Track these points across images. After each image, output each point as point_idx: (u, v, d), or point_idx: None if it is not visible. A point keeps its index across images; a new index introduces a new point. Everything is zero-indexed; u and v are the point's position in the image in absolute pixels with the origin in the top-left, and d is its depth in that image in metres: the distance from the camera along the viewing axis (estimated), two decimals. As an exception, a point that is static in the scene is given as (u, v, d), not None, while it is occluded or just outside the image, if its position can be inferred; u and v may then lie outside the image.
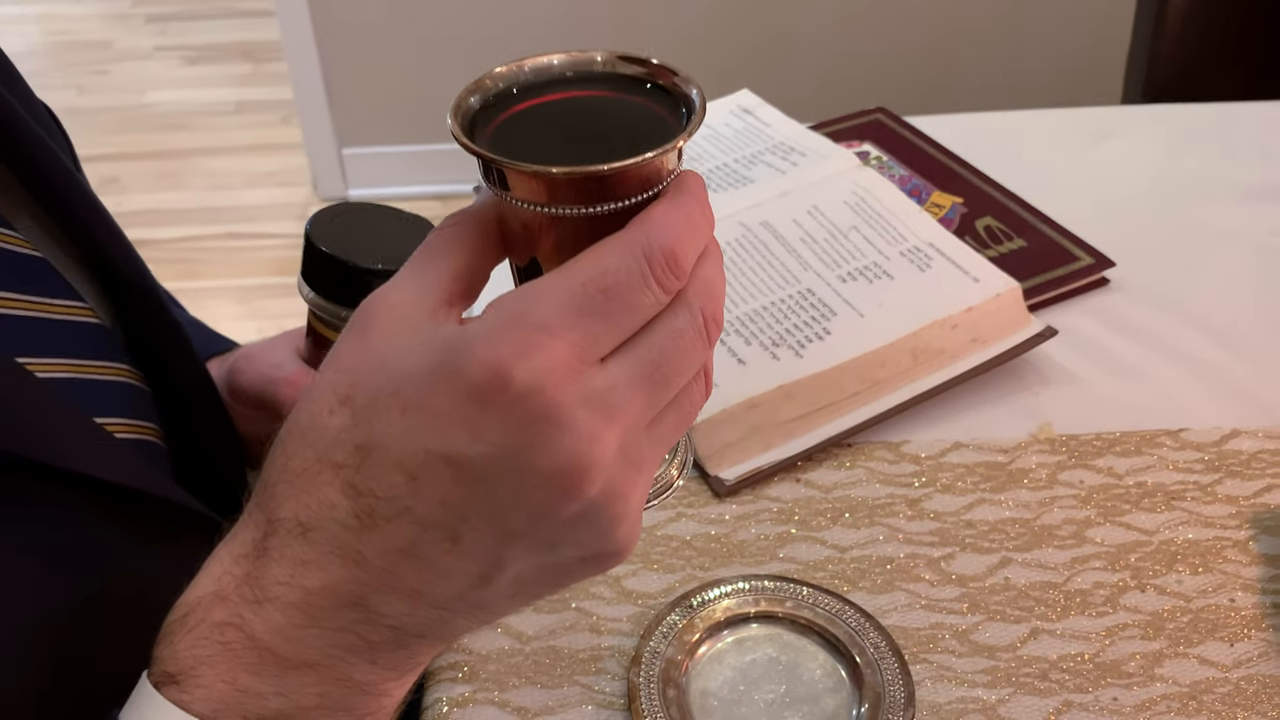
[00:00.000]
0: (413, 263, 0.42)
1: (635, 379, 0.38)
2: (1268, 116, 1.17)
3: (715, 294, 0.40)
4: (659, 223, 0.38)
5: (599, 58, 0.44)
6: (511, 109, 0.43)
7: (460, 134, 0.40)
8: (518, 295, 0.38)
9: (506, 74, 0.43)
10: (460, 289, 0.41)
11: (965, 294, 0.85)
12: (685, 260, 0.39)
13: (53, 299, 0.56)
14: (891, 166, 1.05)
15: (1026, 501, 0.76)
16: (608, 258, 0.38)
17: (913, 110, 2.63)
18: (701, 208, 0.40)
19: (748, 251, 0.91)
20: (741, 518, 0.75)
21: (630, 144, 0.39)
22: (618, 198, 0.40)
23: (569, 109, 0.43)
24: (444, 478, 0.38)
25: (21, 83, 0.65)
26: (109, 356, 0.59)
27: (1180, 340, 0.89)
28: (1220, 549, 0.73)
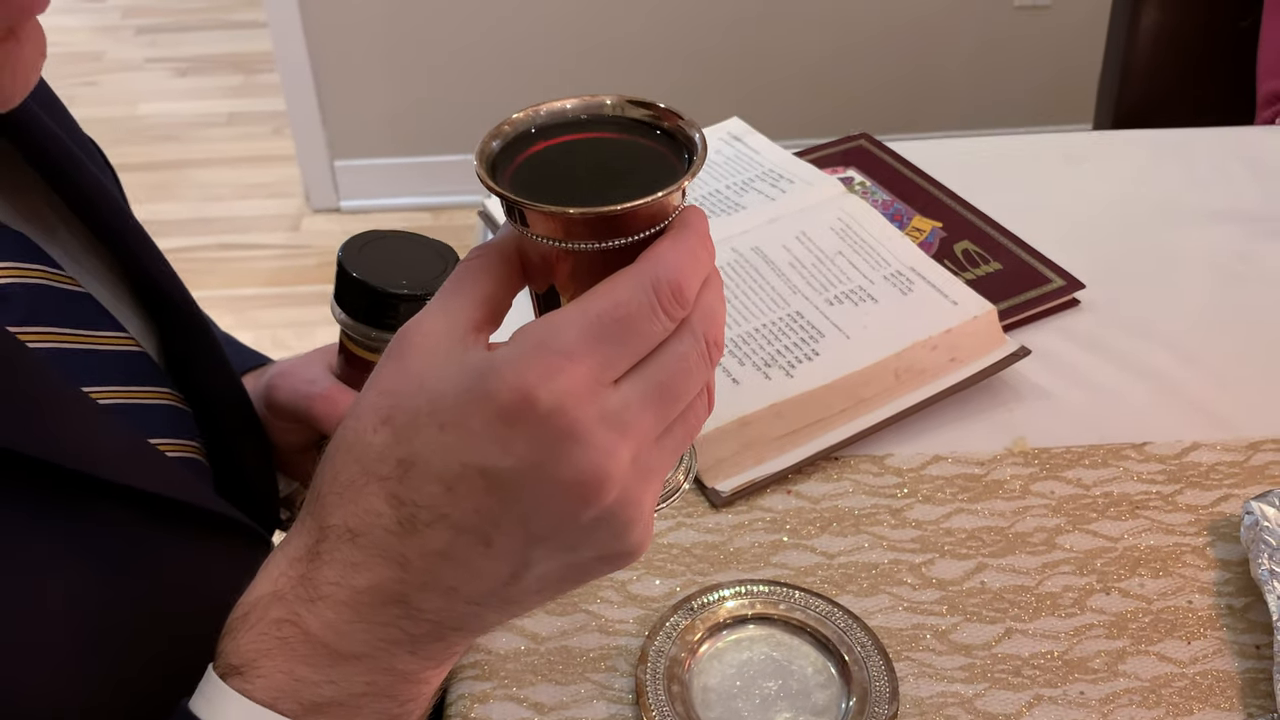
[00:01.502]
0: (444, 292, 0.47)
1: (646, 398, 0.43)
2: (1230, 141, 1.23)
3: (716, 320, 0.45)
4: (665, 258, 0.43)
5: (609, 101, 0.49)
6: (530, 150, 0.47)
7: (485, 176, 0.45)
8: (541, 325, 0.43)
9: (524, 118, 0.48)
10: (487, 315, 0.46)
11: (944, 316, 0.91)
12: (689, 291, 0.44)
13: (100, 331, 0.61)
14: (875, 192, 1.11)
15: (1001, 511, 0.82)
16: (620, 290, 0.43)
17: (894, 127, 2.70)
18: (703, 241, 0.45)
19: (740, 276, 0.96)
20: (737, 527, 0.81)
21: (639, 184, 0.44)
22: (628, 233, 0.44)
23: (582, 150, 0.48)
24: (477, 488, 0.43)
25: (68, 117, 0.70)
26: (152, 382, 0.64)
27: (1145, 358, 0.95)
28: (1179, 554, 0.79)
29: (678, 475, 0.56)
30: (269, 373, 0.77)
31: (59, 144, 0.62)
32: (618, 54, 2.74)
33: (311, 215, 2.90)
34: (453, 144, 2.84)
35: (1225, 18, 1.50)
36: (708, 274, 0.45)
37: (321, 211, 2.90)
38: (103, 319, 0.62)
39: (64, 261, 0.61)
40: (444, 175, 2.87)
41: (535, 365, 0.42)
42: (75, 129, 0.69)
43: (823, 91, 2.82)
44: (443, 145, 2.84)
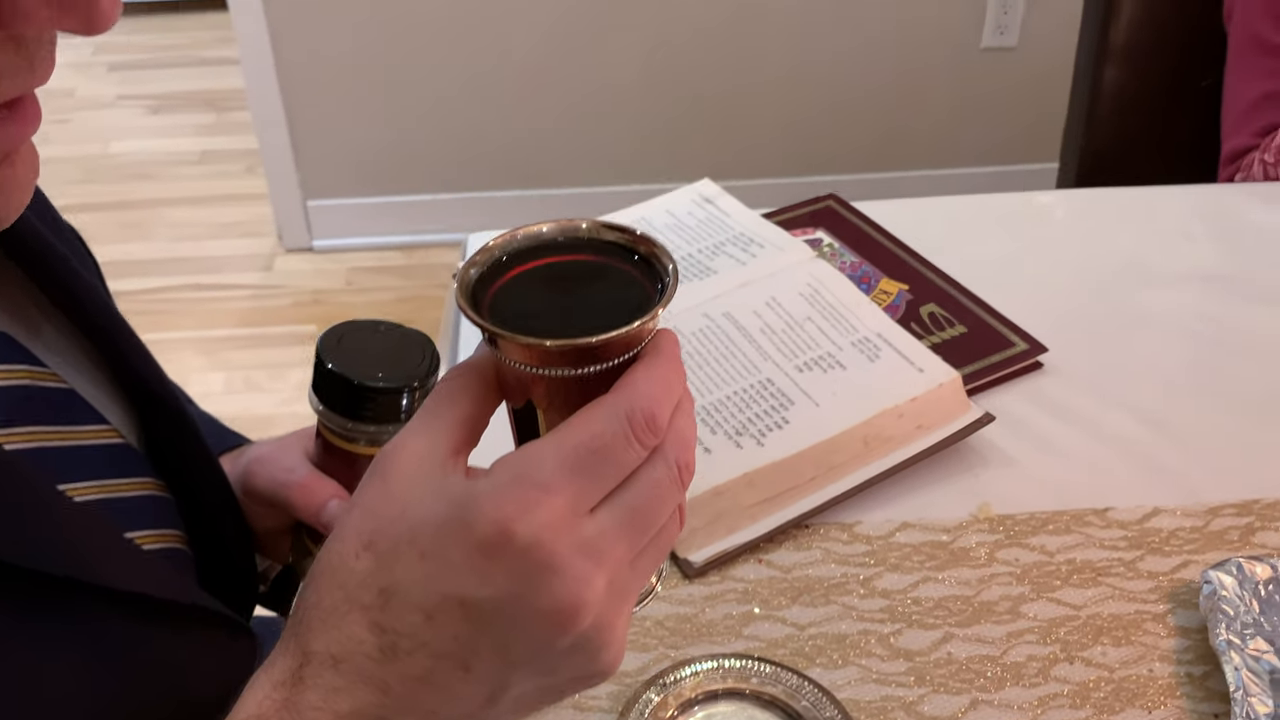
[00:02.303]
0: (424, 413, 0.48)
1: (621, 525, 0.45)
2: (1192, 200, 1.26)
3: (688, 444, 0.47)
4: (639, 388, 0.45)
5: (584, 225, 0.51)
6: (507, 275, 0.49)
7: (466, 306, 0.46)
8: (519, 457, 0.45)
9: (501, 243, 0.50)
10: (466, 436, 0.48)
11: (911, 384, 0.92)
12: (662, 419, 0.45)
13: (83, 426, 0.63)
14: (843, 253, 1.13)
15: (967, 579, 0.84)
16: (596, 422, 0.44)
17: (865, 167, 2.73)
18: (675, 367, 0.47)
19: (712, 342, 0.98)
20: (709, 598, 0.82)
21: (614, 310, 0.46)
22: (602, 360, 0.46)
23: (559, 274, 0.50)
24: (456, 617, 0.45)
25: (48, 206, 0.71)
26: (133, 473, 0.65)
27: (1106, 421, 0.97)
28: (1141, 622, 0.81)
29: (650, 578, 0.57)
30: (247, 457, 0.78)
31: (41, 239, 0.63)
32: (591, 97, 2.76)
33: (284, 255, 2.91)
34: (425, 183, 2.85)
35: (1187, 76, 1.53)
36: (679, 398, 0.47)
37: (294, 251, 2.91)
38: (85, 413, 0.63)
39: (47, 357, 0.62)
40: (416, 214, 2.89)
41: (513, 498, 0.43)
42: (55, 218, 0.71)
43: (794, 132, 2.86)
44: (415, 184, 2.86)
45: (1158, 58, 1.56)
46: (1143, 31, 1.55)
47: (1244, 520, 0.89)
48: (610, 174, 2.87)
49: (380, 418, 0.70)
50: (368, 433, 0.71)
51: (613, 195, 2.86)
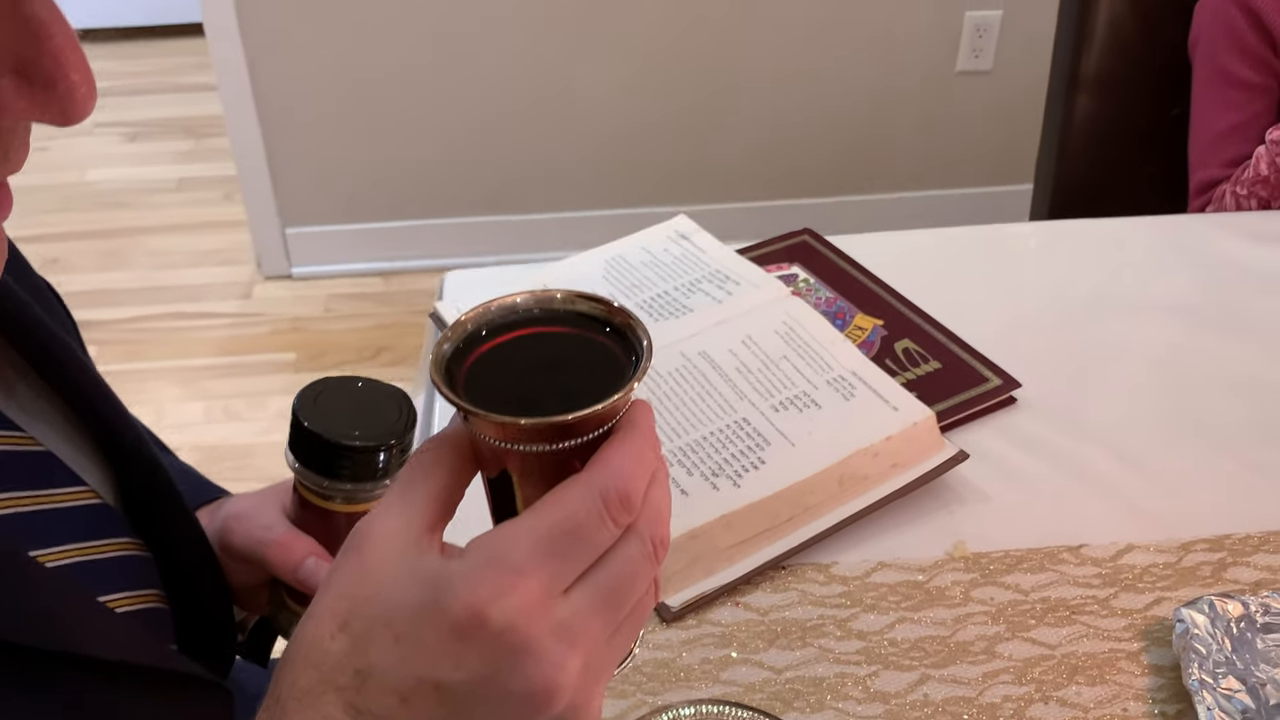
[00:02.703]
0: (400, 488, 0.48)
1: (595, 605, 0.45)
2: (1162, 231, 1.28)
3: (662, 518, 0.48)
4: (613, 465, 0.45)
5: (559, 296, 0.51)
6: (482, 348, 0.49)
7: (440, 383, 0.46)
8: (494, 539, 0.45)
9: (475, 316, 0.50)
10: (441, 510, 0.48)
11: (886, 423, 0.93)
12: (637, 497, 0.46)
13: (58, 489, 0.63)
14: (818, 289, 1.14)
15: (943, 619, 0.84)
16: (571, 502, 0.45)
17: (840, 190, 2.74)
18: (649, 441, 0.47)
19: (688, 382, 0.99)
20: (686, 642, 0.82)
21: (588, 384, 0.46)
22: (577, 436, 0.46)
23: (532, 347, 0.50)
24: (431, 700, 0.45)
25: (23, 264, 0.71)
26: (110, 533, 0.65)
27: (1080, 456, 0.98)
28: (1115, 661, 0.82)
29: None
30: (224, 512, 0.78)
31: (14, 298, 0.63)
32: (568, 123, 2.77)
33: (264, 282, 2.90)
34: (404, 210, 2.86)
35: (1158, 105, 1.55)
36: (653, 471, 0.47)
37: (273, 278, 2.91)
38: (61, 476, 0.63)
39: (22, 418, 0.62)
40: (395, 241, 2.89)
41: (488, 582, 0.43)
42: (29, 274, 0.71)
43: (769, 156, 2.87)
44: (394, 211, 2.86)
45: (1129, 87, 1.58)
46: (1113, 61, 1.57)
47: (1216, 556, 0.90)
48: (587, 199, 2.87)
49: (357, 476, 0.71)
50: (344, 491, 0.72)
51: (589, 220, 2.87)
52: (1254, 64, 1.40)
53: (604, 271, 1.13)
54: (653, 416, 0.49)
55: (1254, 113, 1.39)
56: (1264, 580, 0.88)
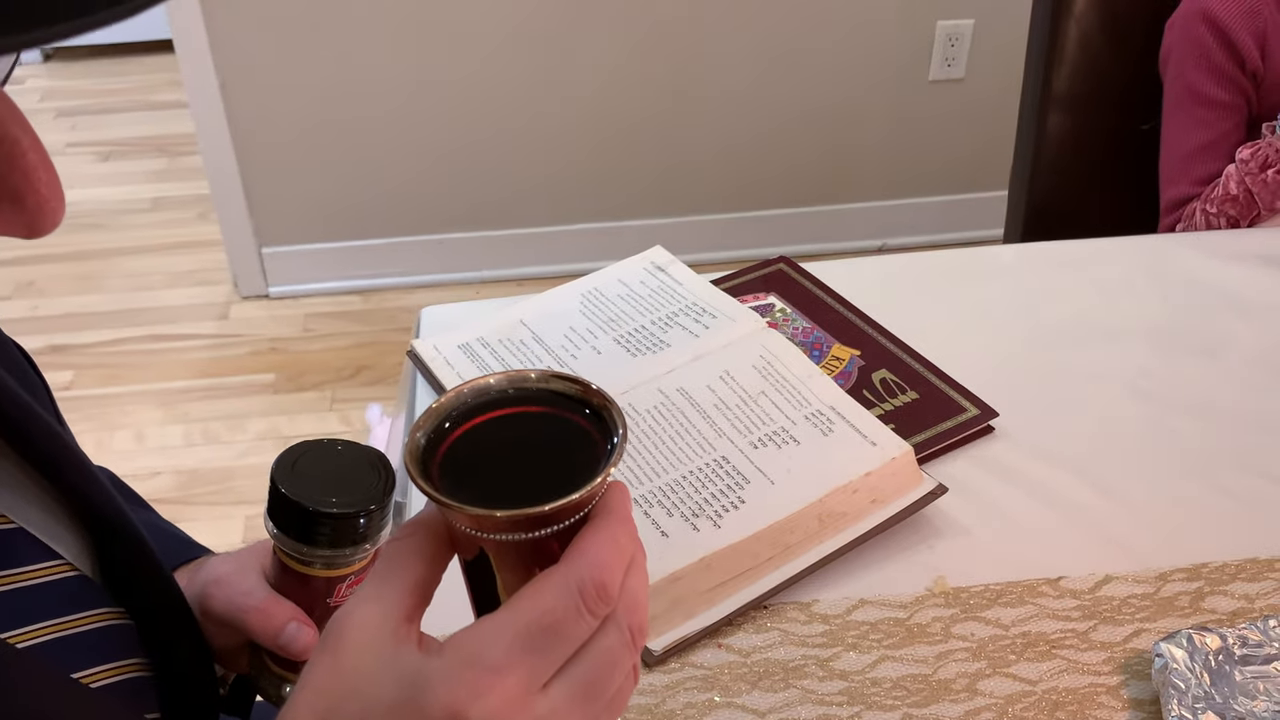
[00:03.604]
0: (376, 578, 0.47)
1: (575, 698, 0.45)
2: (1134, 251, 1.29)
3: (640, 605, 0.47)
4: (590, 556, 0.45)
5: (533, 375, 0.51)
6: (457, 431, 0.49)
7: (416, 475, 0.46)
8: (472, 636, 0.44)
9: (449, 401, 0.50)
10: (418, 600, 0.48)
11: (864, 459, 0.94)
12: (614, 588, 0.45)
13: (32, 566, 0.62)
14: (795, 319, 1.15)
15: (924, 657, 0.85)
16: (548, 597, 0.44)
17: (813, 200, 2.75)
18: (626, 527, 0.47)
19: (667, 420, 0.99)
20: (669, 686, 0.83)
21: (564, 470, 0.46)
22: (553, 524, 0.46)
23: (507, 430, 0.50)
24: None
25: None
26: (89, 605, 0.65)
27: (1057, 486, 0.99)
28: (1095, 695, 0.82)
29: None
30: (204, 576, 0.78)
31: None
32: (540, 138, 2.77)
33: (240, 302, 2.89)
34: (381, 228, 2.85)
35: (1128, 122, 1.56)
36: (630, 558, 0.47)
37: (250, 298, 2.90)
38: (34, 552, 0.62)
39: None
40: (373, 258, 2.88)
41: (466, 683, 0.43)
42: (2, 338, 0.70)
43: (740, 166, 2.88)
44: (371, 229, 2.85)
45: (1100, 104, 1.59)
46: (1084, 79, 1.58)
47: (1194, 585, 0.90)
48: (560, 214, 2.88)
49: (335, 542, 0.70)
50: (323, 556, 0.72)
51: (564, 234, 2.88)
52: (1223, 82, 1.41)
53: (580, 306, 1.13)
54: (629, 499, 0.48)
55: (1223, 131, 1.41)
56: (1241, 609, 0.89)
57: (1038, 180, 1.62)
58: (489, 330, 1.11)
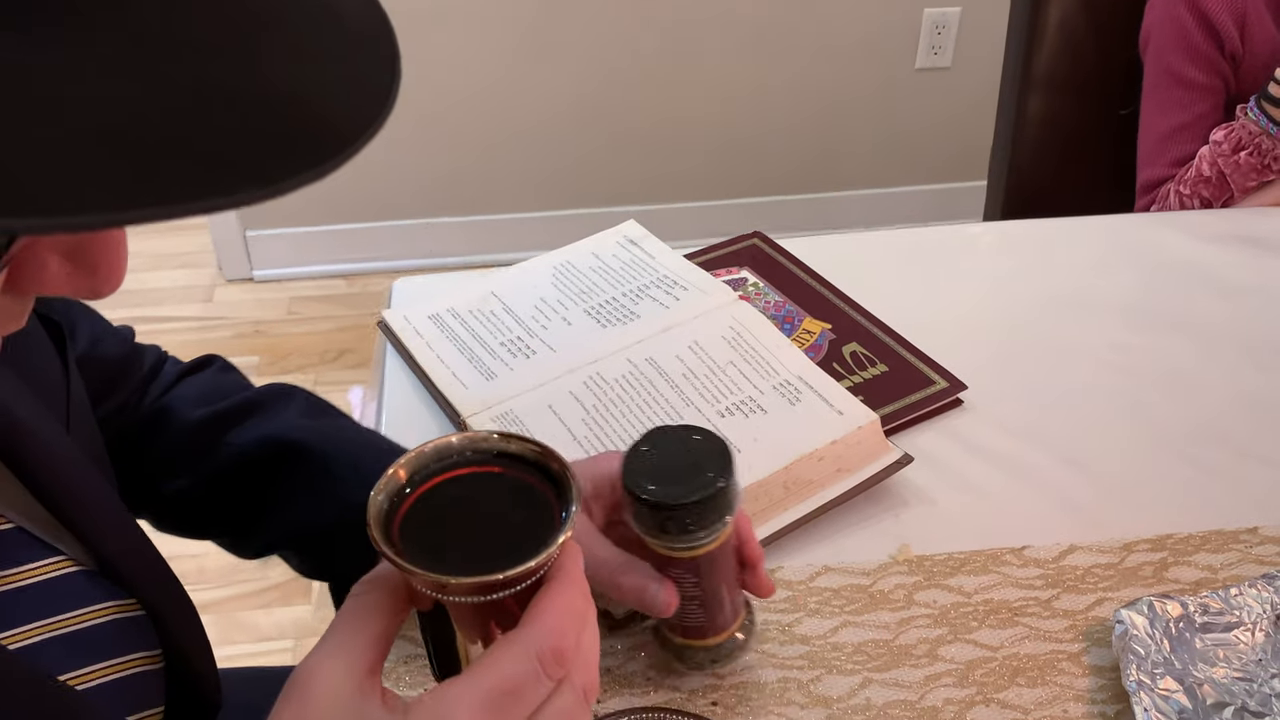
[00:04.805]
0: (338, 632, 0.50)
1: None
2: (1109, 230, 1.29)
3: (591, 665, 0.50)
4: (547, 624, 0.48)
5: (495, 437, 0.53)
6: (418, 491, 0.51)
7: (378, 539, 0.49)
8: (437, 700, 0.47)
9: (409, 462, 0.52)
10: (380, 653, 0.50)
11: (830, 427, 0.94)
12: (570, 652, 0.48)
13: (30, 564, 0.63)
14: (767, 293, 1.15)
15: (886, 623, 0.85)
16: (507, 665, 0.47)
17: (797, 188, 2.73)
18: (580, 590, 0.50)
19: (635, 389, 0.99)
20: (631, 649, 0.83)
21: (520, 533, 0.49)
22: (510, 588, 0.48)
23: (466, 491, 0.52)
24: None
25: None
26: (92, 600, 0.65)
27: (1024, 458, 0.99)
28: (1056, 662, 0.82)
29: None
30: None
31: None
32: (524, 124, 2.76)
33: (225, 285, 2.89)
34: (364, 212, 2.85)
35: (1109, 104, 1.56)
36: (584, 620, 0.50)
37: (235, 281, 2.89)
38: (32, 550, 0.63)
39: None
40: (356, 243, 2.88)
41: None
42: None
43: (726, 154, 2.87)
44: (355, 213, 2.85)
45: (1080, 87, 1.59)
46: (1065, 62, 1.58)
47: (1158, 556, 0.90)
48: (544, 200, 2.87)
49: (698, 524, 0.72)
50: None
51: (547, 220, 2.87)
52: (1201, 64, 1.41)
53: (552, 278, 1.13)
54: (582, 560, 0.51)
55: (1200, 113, 1.41)
56: (1205, 580, 0.89)
57: (1017, 163, 1.62)
58: (459, 301, 1.11)
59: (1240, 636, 0.82)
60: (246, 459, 0.84)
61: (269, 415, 0.86)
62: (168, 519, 0.89)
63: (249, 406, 0.87)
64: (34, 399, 0.68)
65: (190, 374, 0.92)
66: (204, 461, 0.85)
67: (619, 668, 0.82)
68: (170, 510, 0.89)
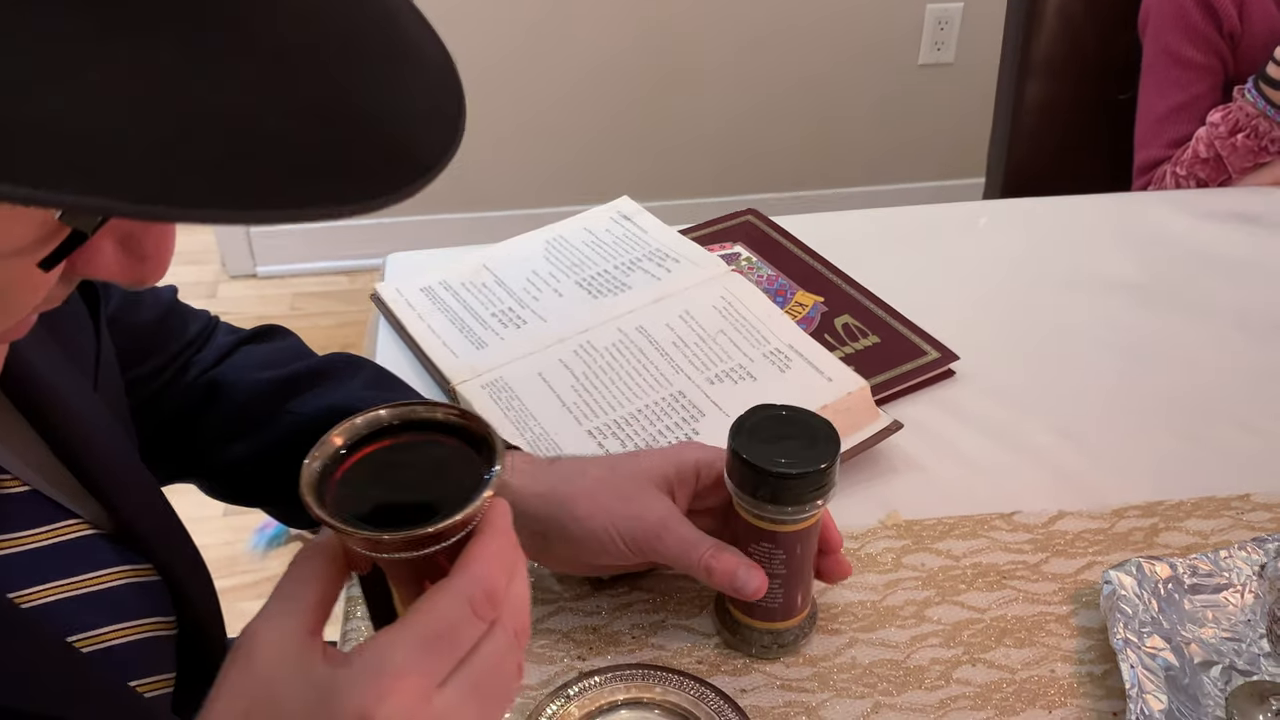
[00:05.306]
0: (278, 598, 0.51)
1: (468, 695, 0.50)
2: (1104, 208, 1.29)
3: (522, 609, 0.53)
4: (477, 569, 0.50)
5: (420, 408, 0.55)
6: (350, 459, 0.53)
7: (311, 502, 0.50)
8: (375, 646, 0.48)
9: (343, 431, 0.54)
10: (321, 615, 0.51)
11: (820, 393, 0.93)
12: (500, 594, 0.50)
13: (45, 526, 0.63)
14: (760, 267, 1.14)
15: (873, 585, 0.85)
16: (441, 606, 0.49)
17: (799, 184, 2.73)
18: (508, 539, 0.52)
19: (625, 356, 0.99)
20: (618, 608, 0.82)
21: (449, 492, 0.51)
22: (440, 542, 0.50)
23: (397, 457, 0.54)
24: None
25: None
26: (108, 564, 0.66)
27: (1016, 428, 0.98)
28: (1044, 623, 0.82)
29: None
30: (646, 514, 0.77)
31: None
32: (525, 119, 2.77)
33: (228, 281, 2.89)
34: (369, 208, 2.85)
35: (1106, 89, 1.55)
36: (514, 568, 0.52)
37: (239, 277, 2.90)
38: (49, 512, 0.63)
39: (7, 459, 0.62)
40: (359, 239, 2.88)
41: (371, 687, 0.47)
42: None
43: (728, 150, 2.88)
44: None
45: (1079, 72, 1.59)
46: (1063, 46, 1.58)
47: (1148, 521, 0.90)
48: (544, 195, 2.87)
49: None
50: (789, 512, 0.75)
51: (547, 216, 2.86)
52: (1199, 44, 1.41)
53: (544, 251, 1.13)
54: (510, 515, 0.53)
55: (1197, 94, 1.40)
56: (1195, 545, 0.88)
57: (1015, 149, 1.62)
58: (452, 274, 1.11)
59: (1230, 598, 0.82)
60: (308, 428, 0.83)
61: (334, 385, 0.86)
62: (221, 485, 0.90)
63: (314, 375, 0.87)
64: (64, 359, 0.69)
65: (249, 342, 0.93)
66: (265, 429, 0.85)
67: (605, 626, 0.81)
68: (225, 477, 0.89)
